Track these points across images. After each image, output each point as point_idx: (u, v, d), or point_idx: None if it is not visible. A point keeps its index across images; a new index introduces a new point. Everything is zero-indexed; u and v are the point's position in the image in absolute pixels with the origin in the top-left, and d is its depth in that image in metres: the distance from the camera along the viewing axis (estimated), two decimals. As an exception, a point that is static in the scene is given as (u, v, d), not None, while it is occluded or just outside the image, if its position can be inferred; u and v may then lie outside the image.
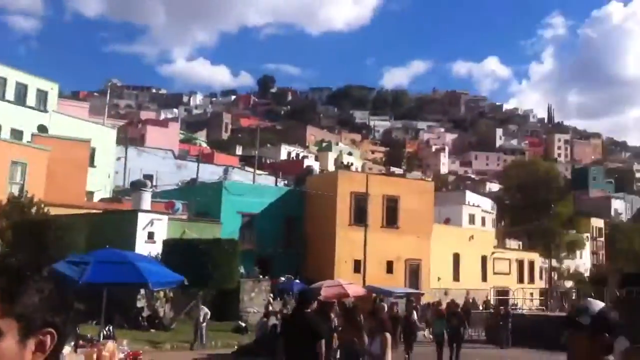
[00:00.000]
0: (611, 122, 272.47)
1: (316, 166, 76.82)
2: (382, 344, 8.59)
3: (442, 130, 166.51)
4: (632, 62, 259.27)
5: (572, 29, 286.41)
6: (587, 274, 73.03)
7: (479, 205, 66.28)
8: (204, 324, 20.98)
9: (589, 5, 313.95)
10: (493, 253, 50.45)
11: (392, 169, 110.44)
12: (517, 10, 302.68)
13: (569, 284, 66.50)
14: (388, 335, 8.74)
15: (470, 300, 35.69)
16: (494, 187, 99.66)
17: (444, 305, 22.87)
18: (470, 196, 70.03)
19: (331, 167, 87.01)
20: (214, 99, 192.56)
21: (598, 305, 2.72)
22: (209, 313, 21.46)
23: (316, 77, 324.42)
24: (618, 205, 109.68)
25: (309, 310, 7.94)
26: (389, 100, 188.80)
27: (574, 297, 36.79)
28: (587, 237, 78.14)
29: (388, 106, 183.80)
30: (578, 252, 73.47)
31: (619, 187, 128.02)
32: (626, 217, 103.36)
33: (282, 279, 33.27)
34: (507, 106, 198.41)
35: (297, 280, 32.25)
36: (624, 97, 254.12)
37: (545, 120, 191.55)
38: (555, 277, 67.25)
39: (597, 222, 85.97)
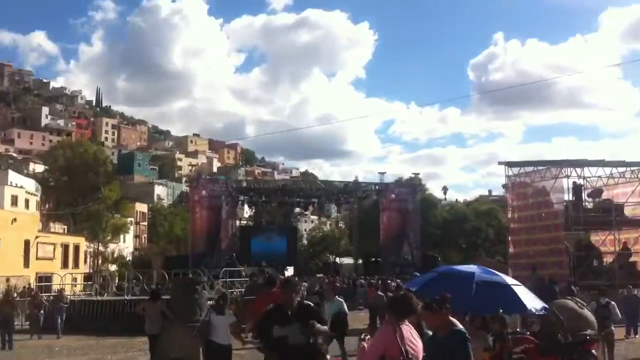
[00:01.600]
0: (157, 111, 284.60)
1: None
2: None
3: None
4: (177, 57, 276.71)
5: (121, 15, 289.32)
6: (129, 257, 75.13)
7: (23, 186, 61.75)
8: None
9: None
10: (37, 237, 47.79)
11: None
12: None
13: (113, 267, 67.21)
14: None
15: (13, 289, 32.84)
16: (38, 167, 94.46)
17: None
18: (13, 176, 64.68)
19: None
20: None
21: None
22: None
23: None
24: (160, 191, 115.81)
25: None
26: None
27: (117, 281, 36.94)
28: (132, 221, 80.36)
29: None
30: (122, 236, 75.11)
31: (162, 174, 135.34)
32: (167, 203, 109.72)
33: None
34: (54, 84, 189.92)
35: None
36: (168, 89, 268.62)
37: (94, 103, 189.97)
38: (100, 261, 67.31)
39: (141, 207, 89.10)
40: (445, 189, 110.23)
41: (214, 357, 10.19)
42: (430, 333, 6.56)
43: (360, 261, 51.39)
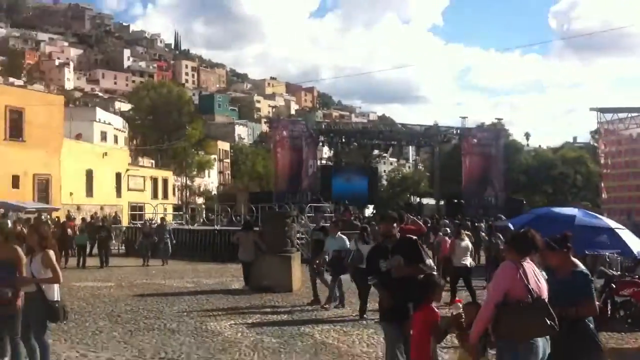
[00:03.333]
0: (233, 55, 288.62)
1: None
2: (44, 262, 7.09)
3: (66, 44, 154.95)
4: (249, 1, 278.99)
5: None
6: (214, 191, 77.83)
7: (111, 123, 64.10)
8: None
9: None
10: (127, 170, 49.99)
11: (11, 79, 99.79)
12: None
13: (199, 200, 70.06)
14: (51, 252, 7.25)
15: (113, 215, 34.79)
16: (123, 106, 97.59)
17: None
18: (100, 113, 67.17)
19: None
20: None
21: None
22: None
23: None
24: (241, 130, 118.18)
25: None
26: (3, 7, 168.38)
27: (204, 213, 38.20)
28: (215, 158, 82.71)
29: (3, 12, 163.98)
30: (207, 172, 77.93)
31: (242, 115, 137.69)
32: (248, 142, 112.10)
33: None
34: (133, 27, 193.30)
35: None
36: (243, 34, 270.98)
37: (173, 46, 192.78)
38: (188, 194, 70.23)
39: (224, 145, 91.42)
40: (527, 135, 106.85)
41: (362, 281, 11.39)
42: (544, 273, 6.30)
43: (442, 202, 50.91)
